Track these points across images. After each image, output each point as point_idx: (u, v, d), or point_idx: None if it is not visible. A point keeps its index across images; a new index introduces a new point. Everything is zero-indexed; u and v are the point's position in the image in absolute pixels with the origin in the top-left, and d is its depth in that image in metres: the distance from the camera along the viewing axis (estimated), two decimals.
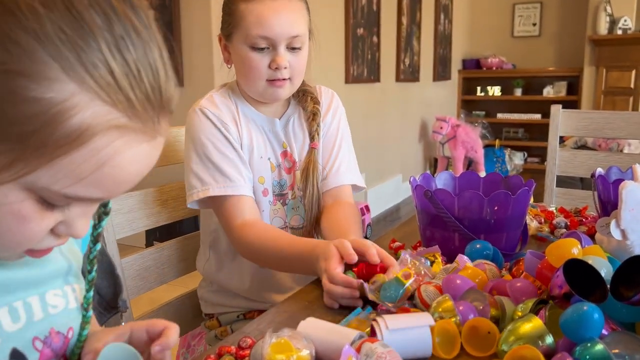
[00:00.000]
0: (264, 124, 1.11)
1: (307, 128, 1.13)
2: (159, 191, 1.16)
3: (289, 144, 1.13)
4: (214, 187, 1.01)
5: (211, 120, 1.04)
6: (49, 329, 0.58)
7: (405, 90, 4.74)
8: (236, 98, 1.11)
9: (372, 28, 4.04)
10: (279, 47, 1.01)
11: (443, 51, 5.49)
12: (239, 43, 1.02)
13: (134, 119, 0.45)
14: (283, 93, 1.06)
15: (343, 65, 3.75)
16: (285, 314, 0.80)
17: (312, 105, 1.14)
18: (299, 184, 1.11)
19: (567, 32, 5.74)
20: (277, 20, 0.99)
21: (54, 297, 0.60)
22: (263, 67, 1.02)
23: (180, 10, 2.96)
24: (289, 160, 1.12)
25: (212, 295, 1.15)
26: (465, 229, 0.93)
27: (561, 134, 1.72)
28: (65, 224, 0.49)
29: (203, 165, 1.02)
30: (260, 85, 1.04)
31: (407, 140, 4.92)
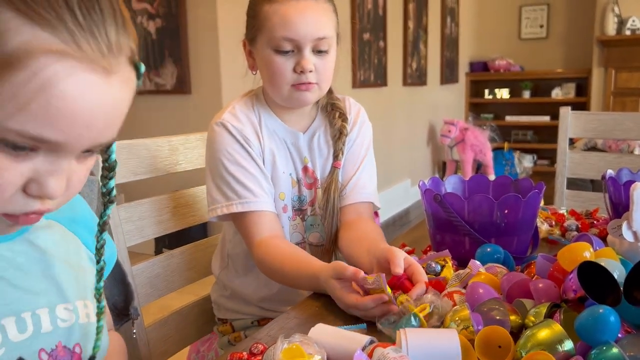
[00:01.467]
0: (287, 137, 1.08)
1: (333, 146, 1.10)
2: (168, 198, 1.16)
3: (312, 159, 1.10)
4: (236, 203, 1.00)
5: (233, 135, 1.02)
6: (56, 342, 0.58)
7: (413, 94, 4.73)
8: (260, 107, 1.07)
9: (378, 33, 4.05)
10: (304, 49, 0.97)
11: (450, 54, 5.48)
12: (263, 46, 0.99)
13: (72, 46, 0.45)
14: (310, 97, 1.02)
15: (350, 70, 3.76)
16: (296, 320, 0.80)
17: (340, 123, 1.10)
18: (319, 202, 1.09)
19: (574, 34, 5.72)
20: (302, 21, 0.96)
21: (64, 311, 0.60)
22: (288, 71, 0.98)
23: (187, 18, 2.98)
24: (310, 177, 1.10)
25: (226, 301, 1.15)
26: (476, 233, 0.93)
27: (571, 136, 1.71)
28: (36, 182, 0.48)
29: (225, 180, 1.01)
30: (285, 89, 1.00)
31: (415, 144, 4.91)
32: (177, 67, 3.05)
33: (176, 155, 1.18)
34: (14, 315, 0.55)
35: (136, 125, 3.36)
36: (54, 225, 0.64)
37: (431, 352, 0.59)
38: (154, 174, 1.13)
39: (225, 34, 2.86)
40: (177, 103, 3.12)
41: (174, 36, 3.03)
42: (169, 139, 1.17)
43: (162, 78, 3.12)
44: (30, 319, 0.56)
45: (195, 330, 1.22)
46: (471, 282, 0.76)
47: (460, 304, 0.72)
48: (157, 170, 1.14)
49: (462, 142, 4.90)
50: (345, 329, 0.70)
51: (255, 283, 1.11)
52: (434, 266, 0.88)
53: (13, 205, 0.49)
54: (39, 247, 0.60)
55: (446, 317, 0.70)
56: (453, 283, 0.83)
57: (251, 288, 1.12)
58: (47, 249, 0.61)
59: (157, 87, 3.15)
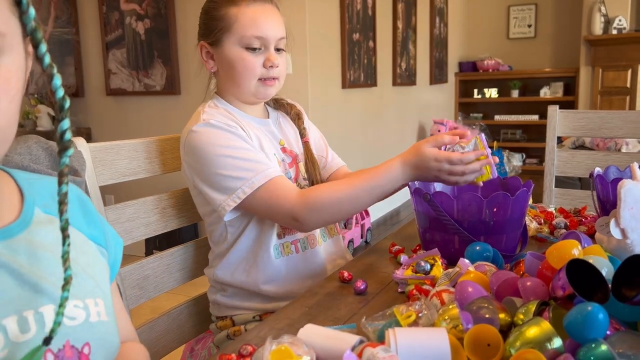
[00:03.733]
0: (259, 125, 1.16)
1: (297, 127, 1.24)
2: (157, 199, 1.15)
3: (286, 140, 1.19)
4: (256, 177, 1.01)
5: (219, 127, 1.05)
6: (64, 341, 0.55)
7: (403, 94, 4.74)
8: (225, 107, 1.14)
9: (367, 33, 4.05)
10: (270, 47, 1.09)
11: (439, 54, 5.50)
12: (232, 45, 1.08)
13: None
14: (272, 91, 1.14)
15: (340, 71, 3.76)
16: (286, 321, 0.80)
17: (294, 108, 1.26)
18: (303, 175, 1.18)
19: (562, 33, 5.76)
20: (268, 22, 1.08)
21: (74, 308, 0.57)
22: (257, 66, 1.09)
23: (176, 19, 2.97)
24: (289, 155, 1.18)
25: (226, 300, 1.15)
26: (465, 231, 0.93)
27: (559, 135, 1.72)
28: None
29: (231, 165, 1.02)
30: (252, 84, 1.10)
31: (405, 143, 4.92)
32: (167, 68, 3.03)
33: (165, 156, 1.18)
34: (16, 314, 0.52)
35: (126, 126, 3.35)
36: (55, 220, 0.60)
37: (421, 352, 0.59)
38: (142, 175, 1.12)
39: None
40: (167, 104, 3.10)
41: (163, 37, 3.01)
42: (157, 140, 1.17)
43: (152, 79, 3.10)
44: (32, 318, 0.53)
45: (188, 331, 1.22)
46: (460, 281, 0.77)
47: (450, 303, 0.72)
48: (146, 171, 1.13)
49: None
50: (335, 329, 0.69)
51: (257, 272, 1.11)
52: (423, 265, 0.89)
53: None
54: (42, 243, 0.58)
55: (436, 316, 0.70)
56: (442, 282, 0.83)
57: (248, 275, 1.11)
58: (51, 246, 0.58)
59: (147, 88, 3.13)
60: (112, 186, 1.07)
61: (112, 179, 1.06)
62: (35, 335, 0.53)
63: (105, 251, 0.68)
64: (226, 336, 1.13)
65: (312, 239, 1.17)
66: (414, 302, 0.72)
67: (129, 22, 3.10)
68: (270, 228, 1.10)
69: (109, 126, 3.30)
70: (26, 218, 0.58)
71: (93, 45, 3.27)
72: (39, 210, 0.61)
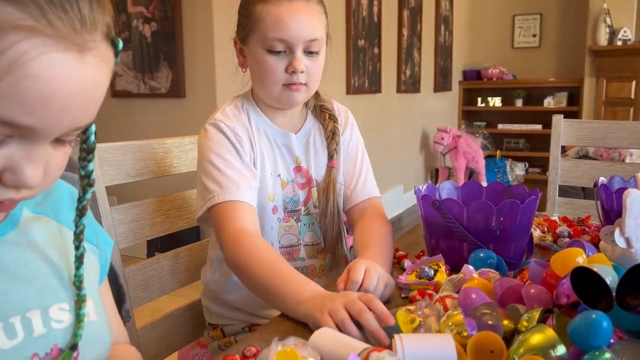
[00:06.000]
0: (277, 137, 1.08)
1: (327, 146, 1.12)
2: (161, 201, 1.16)
3: (306, 159, 1.11)
4: (218, 194, 0.96)
5: (225, 133, 1.01)
6: (51, 345, 0.54)
7: (406, 101, 4.75)
8: (249, 108, 1.08)
9: (373, 39, 4.06)
10: (296, 50, 0.99)
11: (444, 62, 5.51)
12: (256, 46, 1.00)
13: (41, 21, 0.42)
14: (299, 98, 1.04)
15: (344, 76, 3.77)
16: (290, 324, 0.80)
17: (332, 124, 1.13)
18: (314, 201, 1.09)
19: (567, 43, 5.77)
20: (295, 23, 0.97)
21: (59, 311, 0.56)
22: (279, 71, 0.99)
23: (183, 22, 2.98)
24: (303, 176, 1.10)
25: (216, 307, 1.14)
26: (474, 239, 0.93)
27: (563, 144, 1.72)
28: (11, 170, 0.46)
29: (210, 175, 0.99)
30: (276, 89, 1.01)
31: (408, 151, 4.92)
32: (172, 70, 3.04)
33: (170, 157, 1.18)
34: (2, 321, 0.51)
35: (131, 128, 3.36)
36: (45, 219, 0.61)
37: (427, 357, 0.59)
38: (147, 176, 1.13)
39: (221, 38, 2.86)
40: (172, 106, 3.11)
41: (169, 40, 3.02)
42: (163, 141, 1.17)
43: (157, 81, 3.12)
44: (20, 324, 0.52)
45: (187, 333, 1.22)
46: (464, 287, 0.77)
47: (453, 309, 0.72)
48: (151, 172, 1.14)
49: (454, 149, 4.92)
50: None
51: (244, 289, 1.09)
52: (427, 271, 0.89)
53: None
54: (29, 244, 0.57)
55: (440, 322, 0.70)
56: (446, 288, 0.83)
57: (240, 294, 1.09)
58: (38, 246, 0.58)
59: (152, 90, 3.14)
60: (115, 187, 1.07)
61: (117, 179, 1.06)
62: (22, 341, 0.52)
63: (96, 249, 0.67)
64: (218, 347, 1.12)
65: (312, 270, 1.11)
66: (417, 304, 0.71)
67: (136, 25, 3.12)
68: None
69: (113, 128, 3.31)
70: (14, 219, 0.57)
71: None
72: (27, 210, 0.60)
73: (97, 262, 0.67)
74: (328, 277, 1.14)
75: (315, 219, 1.11)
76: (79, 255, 0.58)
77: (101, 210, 1.01)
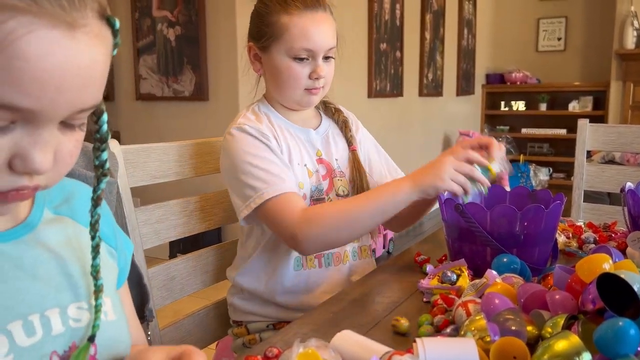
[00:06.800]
0: (298, 133, 1.15)
1: (344, 135, 1.22)
2: (185, 202, 1.17)
3: (325, 152, 1.17)
4: (267, 190, 1.01)
5: (252, 134, 1.06)
6: (69, 343, 0.55)
7: (428, 105, 4.73)
8: (267, 111, 1.14)
9: (395, 43, 4.06)
10: (318, 58, 1.08)
11: (466, 66, 5.47)
12: (279, 53, 1.07)
13: (26, 0, 0.42)
14: (316, 99, 1.13)
15: (366, 80, 3.77)
16: (311, 326, 0.80)
17: (340, 115, 1.23)
18: (337, 190, 1.15)
19: (593, 47, 5.68)
20: (319, 34, 1.06)
21: (77, 310, 0.57)
22: (303, 77, 1.08)
23: (207, 26, 3.01)
24: (325, 167, 1.16)
25: (242, 303, 1.16)
26: (498, 244, 0.92)
27: (588, 149, 1.69)
28: (19, 157, 0.46)
29: (250, 174, 1.03)
30: (297, 93, 1.10)
31: (429, 154, 4.89)
32: (196, 74, 3.08)
33: (194, 159, 1.20)
34: (21, 319, 0.52)
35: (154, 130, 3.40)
36: (65, 220, 0.61)
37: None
38: (171, 178, 1.14)
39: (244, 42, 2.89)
40: (195, 109, 3.15)
41: (193, 44, 3.06)
42: (187, 144, 1.18)
43: (181, 85, 3.15)
44: (39, 321, 0.53)
45: (209, 333, 1.23)
46: (487, 292, 0.76)
47: (476, 314, 0.71)
48: (175, 174, 1.15)
49: None
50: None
51: (273, 279, 1.11)
52: (449, 275, 0.88)
53: (1, 183, 0.47)
54: (49, 244, 0.58)
55: (462, 327, 0.69)
56: (468, 292, 0.82)
57: (268, 283, 1.12)
58: (58, 246, 0.58)
59: (176, 93, 3.18)
60: (139, 189, 1.09)
61: (142, 181, 1.08)
62: (41, 339, 0.52)
63: (115, 252, 0.68)
64: (242, 344, 1.14)
65: (337, 256, 1.15)
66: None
67: (160, 29, 3.16)
68: None
69: (137, 130, 3.36)
70: (34, 219, 0.58)
71: (125, 50, 3.34)
72: (48, 211, 0.60)
73: (115, 265, 0.67)
74: (352, 265, 1.16)
75: None
76: (94, 246, 0.58)
77: (126, 211, 1.02)
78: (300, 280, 1.11)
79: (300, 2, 1.06)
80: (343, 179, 1.17)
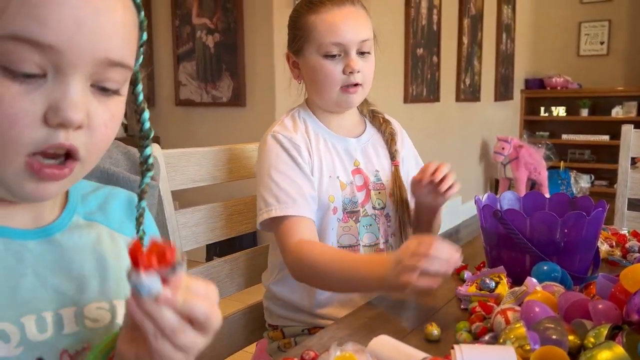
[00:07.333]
0: (336, 142, 1.13)
1: (387, 148, 1.19)
2: (223, 206, 1.19)
3: (365, 162, 1.15)
4: (276, 208, 1.02)
5: (282, 144, 1.07)
6: (84, 344, 0.55)
7: (466, 110, 4.67)
8: (307, 117, 1.14)
9: (432, 48, 4.03)
10: (351, 52, 1.05)
11: (505, 71, 5.39)
12: (311, 54, 1.07)
13: None
14: (356, 99, 1.10)
15: (402, 85, 3.75)
16: (347, 330, 0.80)
17: (388, 127, 1.21)
18: (373, 203, 1.13)
19: (637, 51, 5.51)
20: (347, 26, 1.04)
21: (96, 310, 0.57)
22: (337, 74, 1.06)
23: (245, 34, 3.06)
24: (362, 178, 1.13)
25: (277, 308, 1.16)
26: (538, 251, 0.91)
27: (633, 155, 1.64)
28: (52, 109, 0.47)
29: (268, 187, 1.04)
30: (334, 92, 1.08)
31: (466, 160, 4.83)
32: (234, 80, 3.12)
33: (232, 164, 1.22)
34: (35, 314, 0.53)
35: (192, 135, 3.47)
36: (97, 225, 0.62)
37: None
38: (210, 182, 1.16)
39: (280, 49, 2.92)
40: (232, 115, 3.19)
41: (231, 50, 3.11)
42: (224, 148, 1.20)
43: (219, 91, 3.21)
44: (51, 319, 0.54)
45: (244, 337, 1.24)
46: (527, 300, 0.75)
47: (515, 322, 0.70)
48: (214, 178, 1.17)
49: (516, 159, 4.79)
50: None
51: (307, 291, 1.11)
52: (487, 282, 0.87)
53: (35, 138, 0.48)
54: (75, 246, 0.59)
55: (501, 335, 0.68)
56: (507, 300, 0.81)
57: (302, 296, 1.12)
58: (84, 248, 0.59)
59: (214, 99, 3.23)
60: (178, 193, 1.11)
61: (183, 185, 1.10)
62: (52, 336, 0.53)
63: None
64: (277, 347, 1.14)
65: None
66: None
67: (200, 36, 3.23)
68: None
69: (176, 135, 3.43)
70: (62, 222, 0.59)
71: (165, 57, 3.41)
72: (79, 217, 0.61)
73: None
74: None
75: (374, 220, 1.13)
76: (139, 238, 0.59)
77: (166, 214, 1.05)
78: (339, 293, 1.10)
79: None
80: (382, 191, 1.15)
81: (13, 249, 0.54)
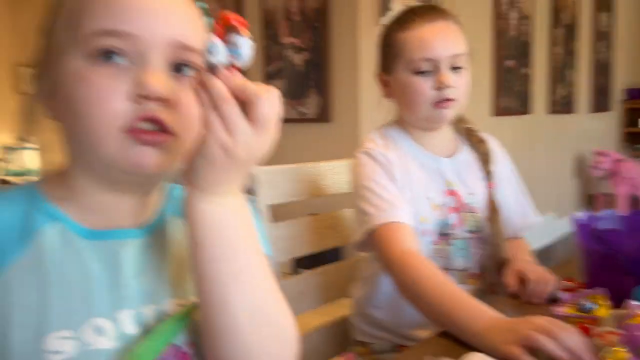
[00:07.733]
0: (428, 162, 1.11)
1: (482, 168, 1.15)
2: (315, 220, 1.23)
3: (460, 183, 1.11)
4: (376, 216, 0.99)
5: (376, 159, 1.06)
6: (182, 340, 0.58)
7: (558, 123, 4.47)
8: (397, 135, 1.12)
9: (521, 59, 3.91)
10: (442, 67, 1.03)
11: (602, 81, 5.10)
12: (402, 71, 1.06)
13: None
14: (449, 114, 1.08)
15: (490, 98, 3.67)
16: (438, 347, 0.80)
17: (483, 146, 1.17)
18: (467, 226, 1.10)
19: None
20: (438, 41, 1.03)
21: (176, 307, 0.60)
22: (428, 90, 1.04)
23: (331, 52, 3.13)
24: (455, 200, 1.10)
25: (365, 326, 1.17)
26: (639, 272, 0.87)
27: None
28: (136, 83, 0.53)
29: (367, 199, 1.03)
30: (425, 109, 1.05)
31: (559, 175, 4.61)
32: (320, 97, 3.20)
33: (322, 179, 1.25)
34: (134, 308, 0.56)
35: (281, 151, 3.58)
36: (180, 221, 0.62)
37: None
38: (301, 197, 1.21)
39: (365, 66, 2.96)
40: (319, 131, 3.27)
41: (318, 68, 3.19)
42: (316, 165, 1.25)
43: (306, 107, 3.29)
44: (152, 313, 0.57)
45: (330, 349, 1.25)
46: (628, 323, 0.72)
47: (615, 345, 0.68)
48: (305, 193, 1.22)
49: (615, 175, 4.50)
50: None
51: (397, 311, 1.09)
52: (586, 304, 0.84)
53: (127, 111, 0.53)
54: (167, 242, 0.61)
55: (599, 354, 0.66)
56: (607, 323, 0.78)
57: (389, 313, 1.11)
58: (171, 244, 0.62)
59: (301, 115, 3.32)
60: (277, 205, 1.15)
61: (277, 199, 1.15)
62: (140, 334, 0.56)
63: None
64: None
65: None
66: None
67: (288, 54, 3.34)
68: None
69: None
70: (159, 220, 0.62)
71: (255, 75, 3.56)
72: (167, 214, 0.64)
73: None
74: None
75: (467, 244, 1.10)
76: None
77: None
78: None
79: (418, 15, 1.06)
80: (476, 214, 1.10)
81: (114, 249, 0.58)
